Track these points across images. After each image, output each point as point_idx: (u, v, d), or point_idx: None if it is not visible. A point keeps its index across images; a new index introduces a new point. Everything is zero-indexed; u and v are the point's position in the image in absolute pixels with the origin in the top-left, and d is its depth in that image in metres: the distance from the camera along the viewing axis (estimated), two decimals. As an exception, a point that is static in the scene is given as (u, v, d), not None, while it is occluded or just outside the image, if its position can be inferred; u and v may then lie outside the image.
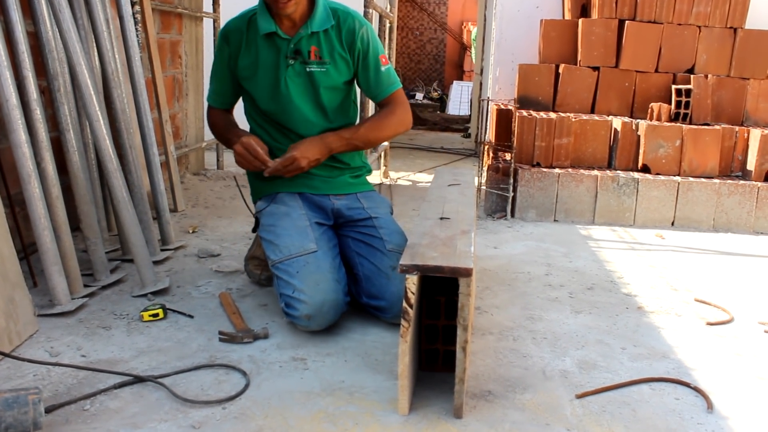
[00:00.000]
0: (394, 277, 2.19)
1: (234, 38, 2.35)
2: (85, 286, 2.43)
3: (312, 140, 2.29)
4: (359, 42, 2.34)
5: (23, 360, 1.87)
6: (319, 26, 2.29)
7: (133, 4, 3.18)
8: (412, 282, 1.66)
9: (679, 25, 4.32)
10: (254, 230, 2.53)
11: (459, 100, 10.18)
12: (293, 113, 2.35)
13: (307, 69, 2.32)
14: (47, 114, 2.59)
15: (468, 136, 7.61)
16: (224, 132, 2.46)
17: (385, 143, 4.75)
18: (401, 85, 2.47)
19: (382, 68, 2.39)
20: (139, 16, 3.27)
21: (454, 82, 11.06)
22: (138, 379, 1.81)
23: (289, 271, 2.13)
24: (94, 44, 2.73)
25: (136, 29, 3.19)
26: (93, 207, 2.54)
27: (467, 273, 1.65)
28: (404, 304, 1.65)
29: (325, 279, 2.11)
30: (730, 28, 4.34)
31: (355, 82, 2.46)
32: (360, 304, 2.30)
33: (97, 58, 2.75)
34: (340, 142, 2.32)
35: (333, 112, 2.39)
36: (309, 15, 2.30)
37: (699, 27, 4.33)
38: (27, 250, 2.50)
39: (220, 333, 2.10)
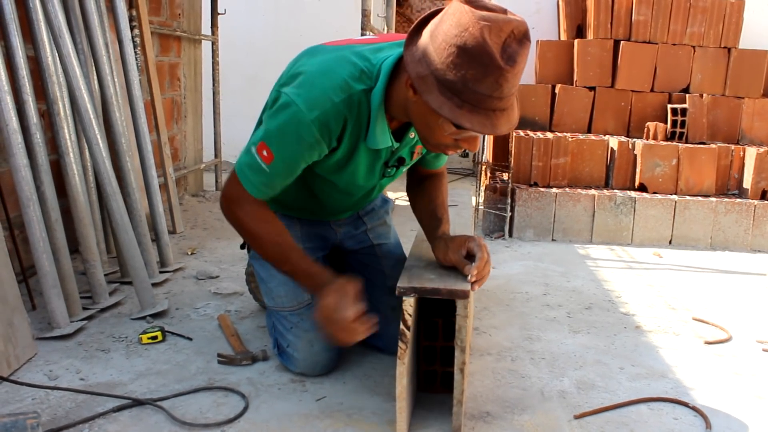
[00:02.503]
0: (393, 318, 2.08)
1: (334, 133, 1.70)
2: (84, 308, 2.43)
3: (455, 237, 1.86)
4: None
5: (21, 384, 1.87)
6: None
7: (132, 28, 3.21)
8: (409, 304, 1.66)
9: (674, 45, 4.36)
10: (243, 247, 2.33)
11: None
12: (357, 195, 2.04)
13: (404, 168, 2.01)
14: (47, 137, 2.61)
15: (466, 155, 7.63)
16: (287, 251, 1.81)
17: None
18: None
19: None
20: (138, 40, 3.30)
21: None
22: (137, 403, 1.81)
23: (282, 323, 2.04)
24: (94, 68, 2.76)
25: (135, 52, 3.22)
26: (92, 229, 2.55)
27: (464, 295, 1.66)
28: (401, 326, 1.65)
29: (319, 338, 1.96)
30: (724, 47, 4.38)
31: None
32: None
33: (96, 82, 2.78)
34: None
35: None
36: None
37: (693, 47, 4.36)
38: (26, 272, 2.51)
39: (219, 355, 2.10)
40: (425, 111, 1.58)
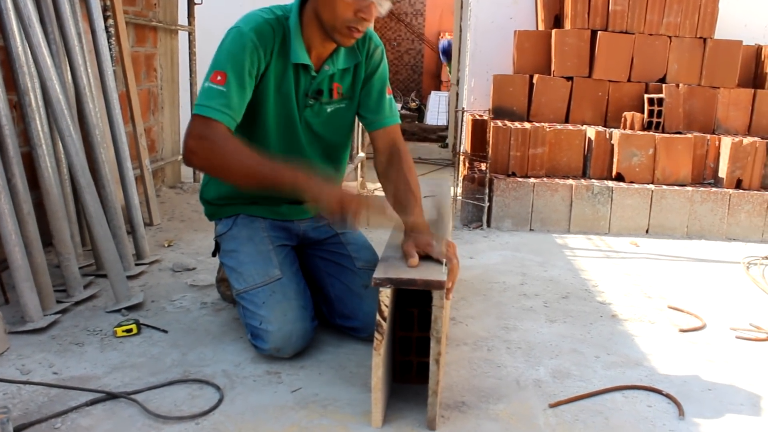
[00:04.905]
0: (366, 296, 2.16)
1: (268, 44, 1.99)
2: (58, 302, 2.41)
3: (426, 231, 1.91)
4: (377, 73, 2.19)
5: (-7, 378, 1.85)
6: (344, 64, 2.12)
7: (106, 18, 3.17)
8: (385, 295, 1.66)
9: (650, 35, 4.38)
10: (214, 254, 2.40)
11: (437, 110, 10.23)
12: (301, 156, 2.14)
13: (328, 109, 2.16)
14: (18, 129, 2.58)
15: (445, 146, 7.65)
16: (269, 167, 1.85)
17: (362, 154, 4.76)
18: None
19: (387, 95, 2.22)
20: (112, 30, 3.26)
21: (432, 92, 11.11)
22: (110, 396, 1.80)
23: (254, 302, 2.06)
24: (66, 59, 2.72)
25: (110, 43, 3.18)
26: (66, 222, 2.52)
27: (440, 285, 1.66)
28: (378, 317, 1.65)
29: (292, 308, 2.04)
30: (700, 38, 4.40)
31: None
32: (332, 324, 2.27)
33: (69, 73, 2.74)
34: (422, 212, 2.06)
35: (338, 151, 2.28)
36: (335, 48, 2.09)
37: (670, 37, 4.39)
38: (-2, 266, 2.48)
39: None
40: None
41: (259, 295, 2.06)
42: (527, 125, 4.13)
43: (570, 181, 3.99)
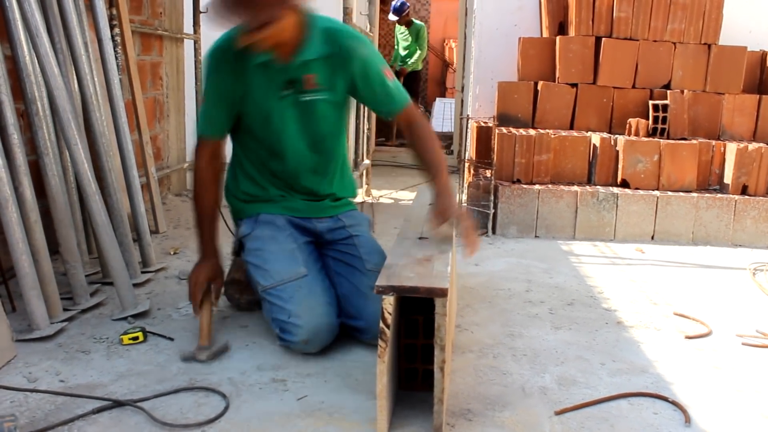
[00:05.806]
0: (373, 296, 2.15)
1: (222, 64, 2.19)
2: (65, 309, 2.42)
3: (446, 195, 2.14)
4: (358, 61, 2.21)
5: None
6: (314, 54, 2.15)
7: (112, 27, 3.18)
8: (388, 302, 1.66)
9: (655, 41, 4.38)
10: (235, 253, 2.46)
11: (442, 116, 10.23)
12: (286, 146, 2.26)
13: (301, 99, 2.22)
14: (25, 138, 2.59)
15: (451, 152, 7.65)
16: (205, 210, 2.32)
17: (367, 161, 4.77)
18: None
19: (389, 82, 2.26)
20: (118, 39, 3.28)
21: (437, 99, 11.11)
22: (117, 404, 1.80)
23: (282, 297, 2.13)
24: (73, 68, 2.74)
25: (116, 52, 3.20)
26: (72, 230, 2.53)
27: (443, 293, 1.66)
28: (381, 325, 1.66)
29: (319, 303, 2.13)
30: (705, 44, 4.40)
31: (362, 102, 2.54)
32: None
33: (75, 82, 2.76)
34: (447, 177, 2.20)
35: (325, 142, 2.33)
36: (304, 39, 2.14)
37: (674, 43, 4.39)
38: (5, 274, 2.49)
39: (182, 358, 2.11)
40: None
41: (286, 290, 2.13)
42: (532, 132, 4.13)
43: (575, 188, 3.99)
